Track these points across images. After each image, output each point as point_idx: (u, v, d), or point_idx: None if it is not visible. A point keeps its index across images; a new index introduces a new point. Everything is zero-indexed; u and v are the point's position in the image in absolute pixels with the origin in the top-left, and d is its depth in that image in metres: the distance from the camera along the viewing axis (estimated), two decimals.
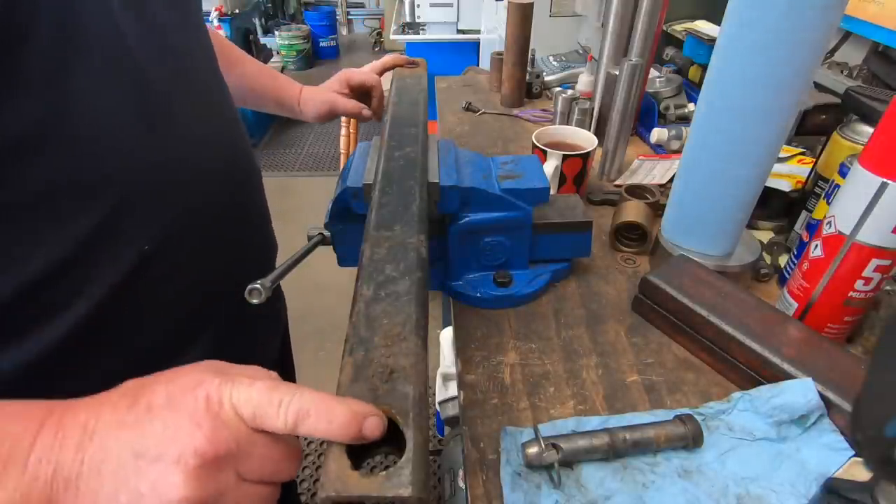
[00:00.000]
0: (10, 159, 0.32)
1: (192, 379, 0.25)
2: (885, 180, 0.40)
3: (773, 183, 0.65)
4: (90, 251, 0.37)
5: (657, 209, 0.67)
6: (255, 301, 0.39)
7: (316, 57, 4.56)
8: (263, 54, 3.04)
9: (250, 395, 0.25)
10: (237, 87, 0.71)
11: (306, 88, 0.77)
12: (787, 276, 0.56)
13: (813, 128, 0.74)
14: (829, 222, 0.45)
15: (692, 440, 0.40)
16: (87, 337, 0.39)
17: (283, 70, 3.60)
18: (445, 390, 1.27)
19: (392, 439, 0.24)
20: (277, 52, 3.99)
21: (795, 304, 0.50)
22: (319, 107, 0.75)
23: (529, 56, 1.03)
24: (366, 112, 0.77)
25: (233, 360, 0.29)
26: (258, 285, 0.39)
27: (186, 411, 0.24)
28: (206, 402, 0.25)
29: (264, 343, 0.61)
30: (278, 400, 0.24)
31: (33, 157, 0.33)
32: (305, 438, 1.51)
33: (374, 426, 0.24)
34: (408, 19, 2.55)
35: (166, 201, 0.42)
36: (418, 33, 2.54)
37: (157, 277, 0.42)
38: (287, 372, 0.74)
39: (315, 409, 0.24)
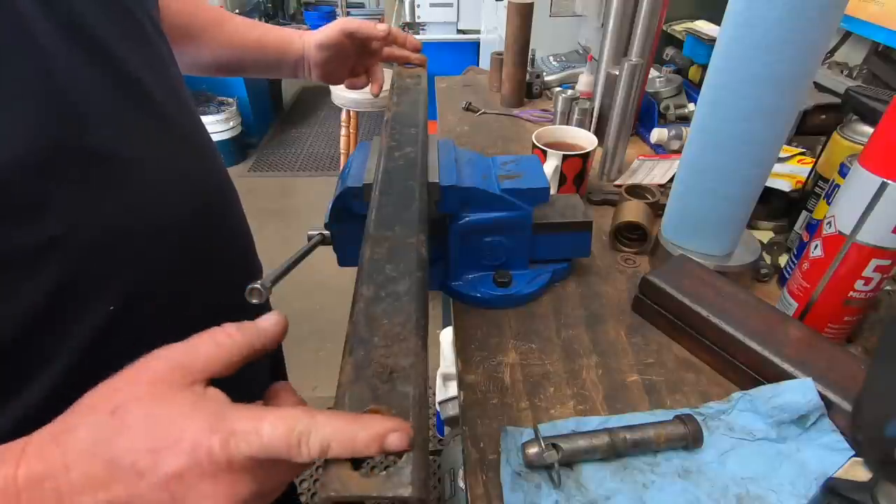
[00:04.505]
0: None
1: (183, 442, 0.23)
2: (885, 180, 0.40)
3: (773, 183, 0.65)
4: (45, 321, 0.34)
5: (657, 209, 0.67)
6: (255, 301, 0.39)
7: None
8: None
9: (262, 443, 0.23)
10: (220, 50, 0.64)
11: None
12: (787, 276, 0.56)
13: (813, 128, 0.74)
14: (829, 222, 0.45)
15: (692, 440, 0.40)
16: (54, 409, 0.37)
17: None
18: (445, 390, 1.27)
19: None
20: None
21: (795, 304, 0.50)
22: (327, 31, 0.65)
23: (529, 56, 1.03)
24: (381, 26, 0.66)
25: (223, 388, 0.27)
26: (258, 285, 0.39)
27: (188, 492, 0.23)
28: (210, 462, 0.23)
29: (252, 374, 0.59)
30: (297, 439, 0.23)
31: None
32: None
33: (397, 441, 0.23)
34: (408, 19, 2.55)
35: (130, 257, 0.39)
36: (418, 33, 2.54)
37: (129, 335, 0.39)
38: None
39: (337, 441, 0.23)
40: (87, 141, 0.35)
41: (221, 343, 0.27)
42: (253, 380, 0.57)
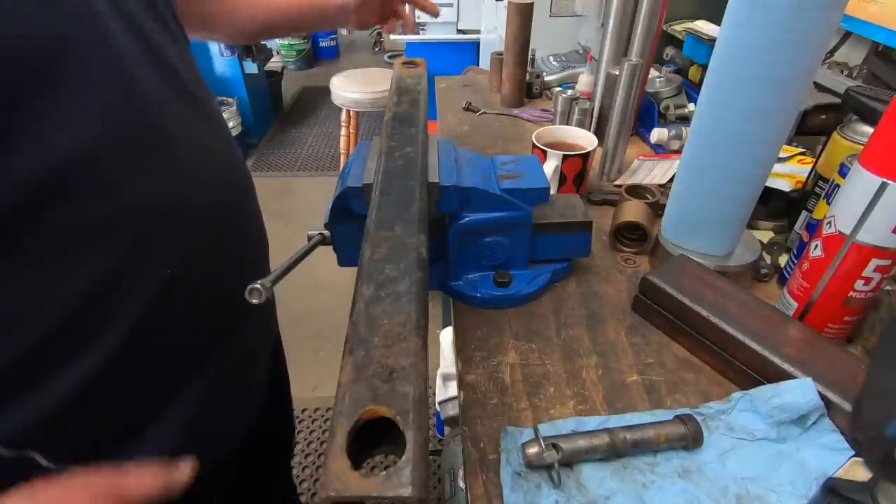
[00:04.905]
0: (38, 201, 0.32)
1: None
2: (885, 180, 0.40)
3: (773, 183, 0.65)
4: (108, 291, 0.37)
5: (657, 209, 0.67)
6: (255, 301, 0.39)
7: (316, 57, 4.56)
8: (264, 54, 3.04)
9: None
10: (261, 17, 0.70)
11: None
12: (787, 276, 0.56)
13: (813, 128, 0.74)
14: (829, 222, 0.45)
15: (692, 440, 0.40)
16: (107, 380, 0.39)
17: (282, 70, 3.60)
18: (445, 390, 1.27)
19: (392, 439, 0.24)
20: (277, 52, 3.99)
21: (795, 304, 0.50)
22: None
23: (529, 56, 1.03)
24: None
25: (231, 372, 0.31)
26: (258, 285, 0.39)
27: None
28: None
29: (261, 350, 0.60)
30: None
31: (57, 199, 0.33)
32: (306, 439, 1.51)
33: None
34: None
35: (176, 233, 0.41)
36: (418, 33, 2.53)
37: (178, 301, 0.42)
38: (279, 375, 0.73)
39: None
40: (150, 124, 0.39)
41: (142, 483, 0.35)
42: (253, 380, 0.58)
